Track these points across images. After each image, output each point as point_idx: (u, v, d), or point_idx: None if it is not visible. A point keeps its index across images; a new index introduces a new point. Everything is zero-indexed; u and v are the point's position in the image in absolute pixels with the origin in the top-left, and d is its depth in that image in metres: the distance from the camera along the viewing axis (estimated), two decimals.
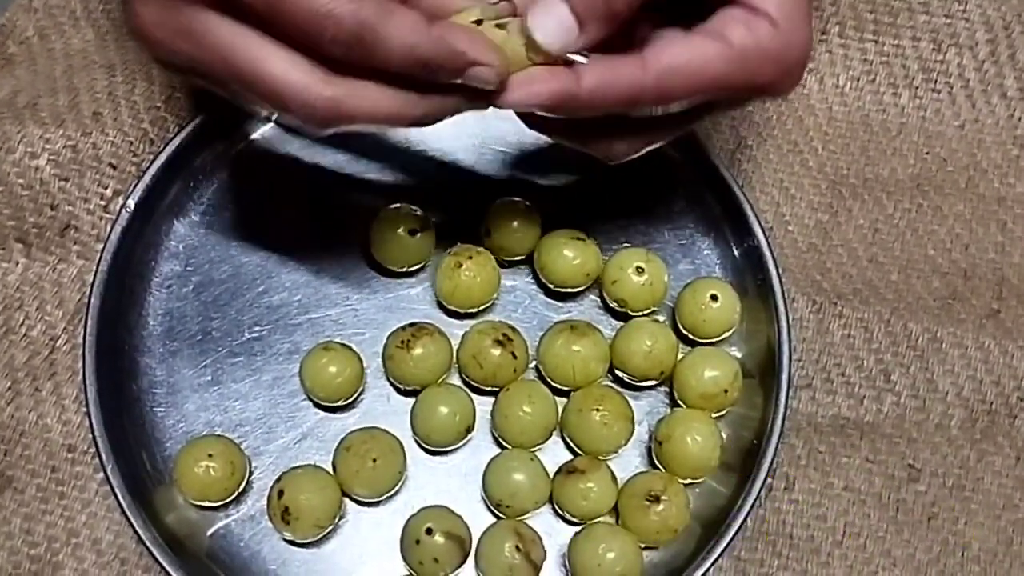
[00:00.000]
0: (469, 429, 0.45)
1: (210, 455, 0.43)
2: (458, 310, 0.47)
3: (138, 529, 0.43)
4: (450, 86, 0.34)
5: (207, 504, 0.44)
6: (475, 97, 0.35)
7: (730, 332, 0.47)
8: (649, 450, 0.47)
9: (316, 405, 0.47)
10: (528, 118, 0.39)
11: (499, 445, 0.46)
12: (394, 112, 0.34)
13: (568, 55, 0.35)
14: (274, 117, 0.48)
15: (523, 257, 0.48)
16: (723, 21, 0.36)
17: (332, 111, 0.33)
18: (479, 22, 0.35)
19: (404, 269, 0.48)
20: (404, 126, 0.35)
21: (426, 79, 0.33)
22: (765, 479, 0.44)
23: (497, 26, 0.35)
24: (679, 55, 0.35)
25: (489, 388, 0.46)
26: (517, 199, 0.48)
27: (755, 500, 0.44)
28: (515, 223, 0.47)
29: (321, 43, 0.32)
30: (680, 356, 0.47)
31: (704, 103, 0.37)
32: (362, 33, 0.31)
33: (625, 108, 0.36)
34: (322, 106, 0.33)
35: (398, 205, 0.48)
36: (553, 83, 0.35)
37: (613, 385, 0.47)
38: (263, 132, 0.50)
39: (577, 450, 0.46)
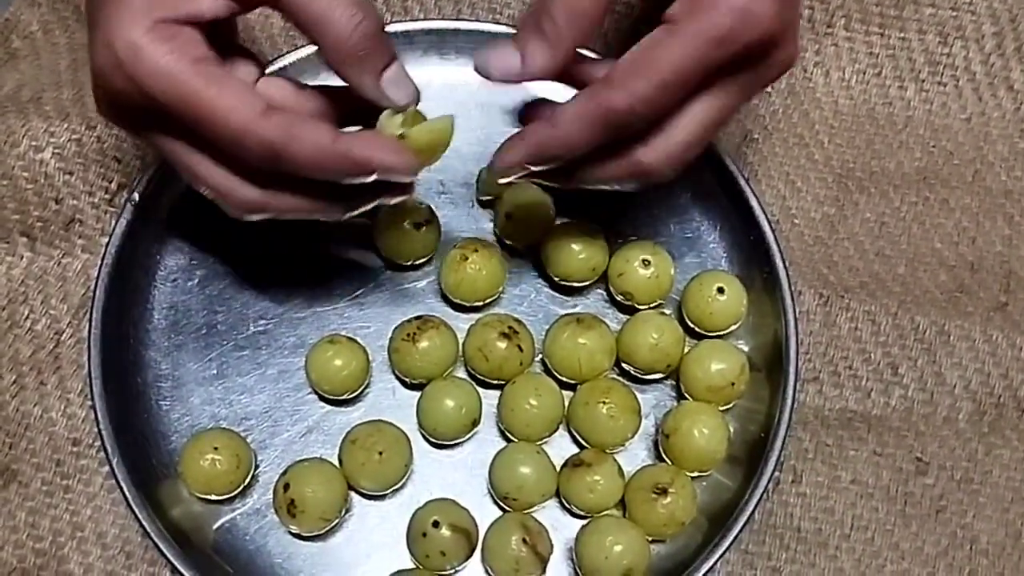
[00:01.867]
0: (475, 422, 0.45)
1: (215, 448, 0.43)
2: (464, 303, 0.47)
3: (143, 522, 0.42)
4: (368, 184, 0.37)
5: (212, 497, 0.44)
6: (393, 192, 0.39)
7: (737, 325, 0.47)
8: (656, 443, 0.47)
9: (322, 398, 0.46)
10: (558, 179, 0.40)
11: (505, 438, 0.46)
12: (317, 211, 0.39)
13: None
14: None
15: (535, 244, 0.48)
16: (670, 8, 0.36)
17: (259, 208, 0.38)
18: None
19: (410, 263, 0.48)
20: (332, 220, 0.40)
21: (341, 182, 0.37)
22: (772, 472, 0.44)
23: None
24: (632, 58, 0.36)
25: (495, 381, 0.46)
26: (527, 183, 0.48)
27: (762, 493, 0.44)
28: (533, 207, 0.47)
29: (240, 157, 0.36)
30: (687, 349, 0.47)
31: (705, 94, 0.37)
32: (271, 151, 0.35)
33: (611, 130, 0.36)
34: (248, 207, 0.38)
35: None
36: (529, 138, 0.38)
37: (619, 378, 0.47)
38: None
39: (584, 443, 0.46)
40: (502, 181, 0.40)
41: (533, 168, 0.38)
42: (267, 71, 0.40)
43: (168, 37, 0.35)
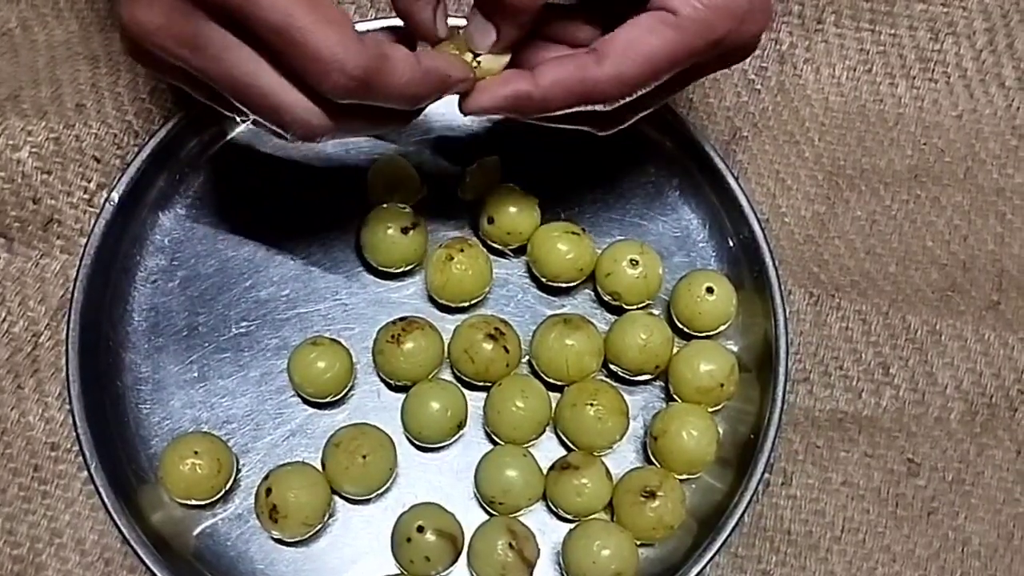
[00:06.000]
0: (461, 425, 0.45)
1: (196, 452, 0.42)
2: (449, 304, 0.47)
3: (123, 529, 0.42)
4: None
5: (193, 503, 0.44)
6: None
7: (726, 325, 0.47)
8: (644, 445, 0.46)
9: (305, 401, 0.46)
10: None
11: (491, 441, 0.46)
12: (380, 126, 0.38)
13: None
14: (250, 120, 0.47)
15: (523, 244, 0.47)
16: None
17: (327, 131, 0.36)
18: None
19: (398, 270, 0.47)
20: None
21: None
22: (762, 474, 0.44)
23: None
24: (628, 39, 0.36)
25: (481, 383, 0.45)
26: (513, 185, 0.47)
27: (752, 496, 0.43)
28: (517, 207, 0.46)
29: (323, 86, 0.33)
30: (675, 350, 0.46)
31: (677, 74, 0.38)
32: (363, 77, 0.33)
33: (586, 101, 0.37)
34: (318, 125, 0.35)
35: (386, 205, 0.47)
36: (508, 87, 0.37)
37: (607, 379, 0.46)
38: (251, 124, 0.49)
39: (571, 445, 0.45)
40: (468, 119, 0.40)
41: (504, 116, 0.38)
42: None
43: None
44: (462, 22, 0.39)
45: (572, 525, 0.44)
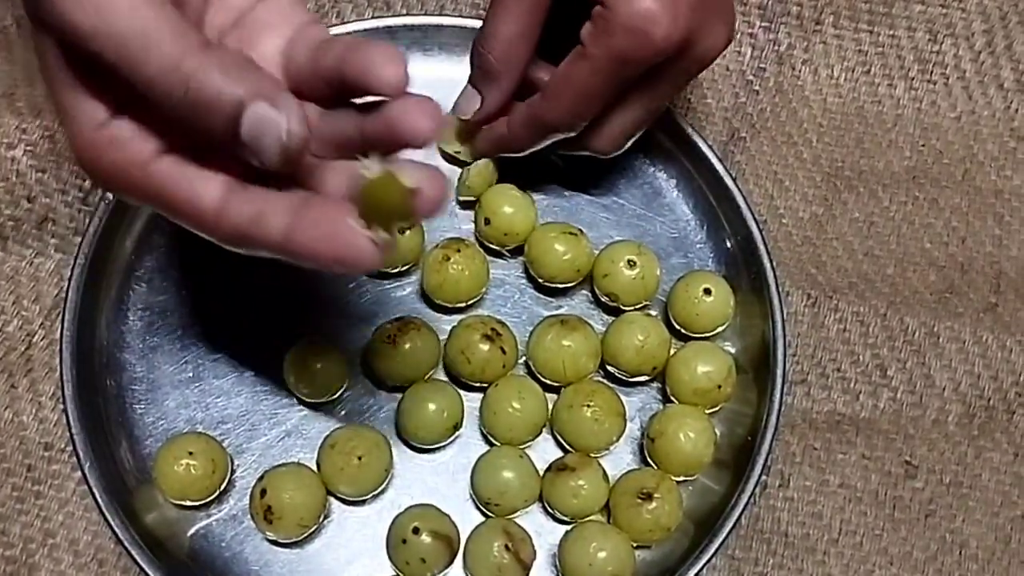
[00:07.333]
0: (457, 426, 0.44)
1: (190, 453, 0.42)
2: (446, 304, 0.46)
3: (116, 529, 0.42)
4: None
5: (188, 503, 0.43)
6: None
7: (724, 326, 0.46)
8: (641, 447, 0.46)
9: (300, 402, 0.46)
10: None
11: (488, 442, 0.45)
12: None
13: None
14: None
15: (520, 245, 0.47)
16: (583, 29, 0.40)
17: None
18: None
19: (394, 270, 0.47)
20: None
21: None
22: (760, 476, 0.43)
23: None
24: (558, 74, 0.41)
25: (477, 384, 0.45)
26: (510, 185, 0.47)
27: (749, 498, 0.43)
28: (514, 208, 0.46)
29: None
30: (673, 351, 0.46)
31: (635, 92, 0.42)
32: (240, 236, 0.33)
33: (551, 135, 0.43)
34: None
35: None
36: (491, 134, 0.46)
37: (604, 381, 0.46)
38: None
39: (568, 447, 0.45)
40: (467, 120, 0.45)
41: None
42: None
43: (110, 142, 0.32)
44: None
45: (568, 527, 0.44)
